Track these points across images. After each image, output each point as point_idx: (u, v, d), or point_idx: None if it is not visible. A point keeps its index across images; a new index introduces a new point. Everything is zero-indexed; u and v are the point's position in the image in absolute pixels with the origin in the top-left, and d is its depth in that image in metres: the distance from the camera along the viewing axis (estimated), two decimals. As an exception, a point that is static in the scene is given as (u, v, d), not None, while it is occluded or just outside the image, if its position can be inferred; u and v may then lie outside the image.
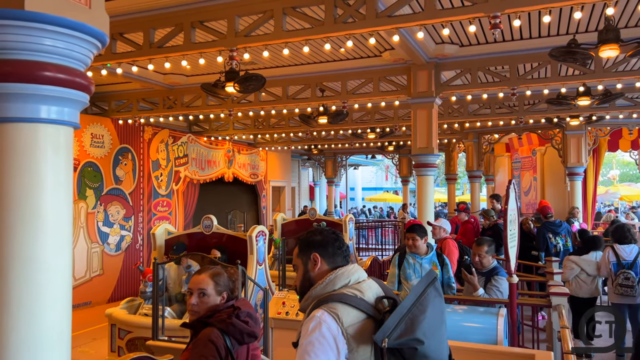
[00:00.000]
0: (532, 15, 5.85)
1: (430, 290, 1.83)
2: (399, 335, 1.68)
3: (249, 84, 6.00)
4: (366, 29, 4.84)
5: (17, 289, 1.75)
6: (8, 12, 1.65)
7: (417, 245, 4.71)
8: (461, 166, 22.34)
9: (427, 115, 7.31)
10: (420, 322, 1.71)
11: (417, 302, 1.77)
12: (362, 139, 13.20)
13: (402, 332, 1.69)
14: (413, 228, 4.81)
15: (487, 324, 4.10)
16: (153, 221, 10.86)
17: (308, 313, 1.86)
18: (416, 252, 4.75)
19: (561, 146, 11.62)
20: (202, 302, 2.52)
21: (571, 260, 6.03)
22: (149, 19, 5.66)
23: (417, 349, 1.67)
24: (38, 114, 1.78)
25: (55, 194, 1.82)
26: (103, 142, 9.57)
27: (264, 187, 15.95)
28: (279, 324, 4.71)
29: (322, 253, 1.98)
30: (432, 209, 7.34)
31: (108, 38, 1.95)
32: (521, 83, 7.13)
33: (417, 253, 4.75)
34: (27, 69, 1.74)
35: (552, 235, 7.66)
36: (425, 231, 4.86)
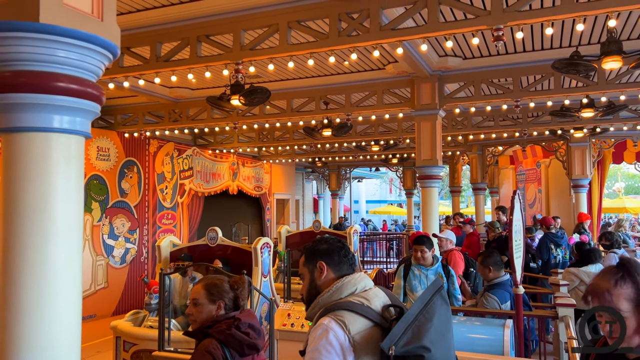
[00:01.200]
0: (535, 28, 5.91)
1: (437, 298, 1.84)
2: (405, 342, 1.68)
3: (254, 97, 6.06)
4: (370, 41, 4.89)
5: (29, 299, 1.77)
6: (24, 25, 1.70)
7: (425, 257, 4.72)
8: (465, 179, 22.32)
9: (431, 127, 7.35)
10: (427, 329, 1.71)
11: (423, 310, 1.77)
12: (366, 151, 13.24)
13: (409, 339, 1.69)
14: (422, 240, 4.80)
15: (493, 335, 4.09)
16: (158, 234, 10.88)
17: (315, 321, 1.87)
18: (423, 263, 4.74)
19: (565, 158, 11.62)
20: (197, 311, 2.53)
21: (571, 272, 6.01)
22: (155, 33, 5.75)
23: (424, 356, 1.66)
24: (51, 124, 1.81)
25: (66, 203, 1.85)
26: (109, 155, 9.64)
27: (268, 200, 15.98)
28: (284, 335, 4.70)
29: (328, 261, 1.99)
30: (437, 221, 7.33)
31: (119, 50, 2.00)
32: (525, 95, 7.16)
33: (423, 264, 4.75)
34: (41, 80, 1.78)
35: (554, 247, 7.65)
36: (432, 243, 4.87)
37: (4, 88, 1.76)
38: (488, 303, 4.51)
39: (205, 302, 2.53)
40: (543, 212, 13.43)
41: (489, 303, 4.51)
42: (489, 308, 4.49)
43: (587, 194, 11.68)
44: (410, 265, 4.84)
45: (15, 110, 1.78)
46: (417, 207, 25.47)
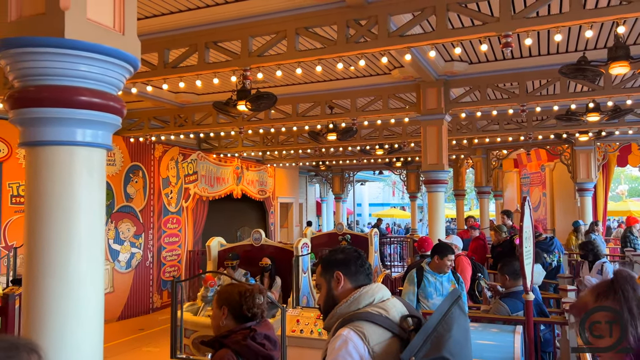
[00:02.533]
0: (542, 33, 5.92)
1: (455, 308, 1.84)
2: (425, 354, 1.68)
3: (260, 102, 6.07)
4: (378, 48, 4.91)
5: (53, 305, 1.79)
6: (48, 40, 1.72)
7: (450, 265, 4.69)
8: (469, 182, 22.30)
9: (437, 132, 7.36)
10: (446, 340, 1.71)
11: (442, 321, 1.77)
12: (370, 155, 13.25)
13: (429, 350, 1.69)
14: (452, 249, 4.77)
15: (503, 341, 4.08)
16: (163, 238, 10.90)
17: (333, 331, 1.87)
18: (445, 271, 4.70)
19: (570, 162, 11.61)
20: (212, 318, 2.55)
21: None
22: (164, 39, 5.77)
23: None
24: (74, 137, 1.83)
25: (89, 215, 1.87)
26: (114, 160, 9.66)
27: (272, 204, 15.99)
28: (293, 341, 4.70)
29: (345, 271, 2.00)
30: (443, 225, 7.34)
31: (140, 63, 2.02)
32: (531, 100, 7.17)
33: (437, 271, 4.72)
34: (64, 94, 1.80)
35: (547, 255, 7.66)
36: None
37: (28, 102, 1.78)
38: (498, 310, 4.51)
39: (215, 307, 2.54)
40: (547, 215, 13.43)
41: (498, 310, 4.51)
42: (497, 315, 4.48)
43: (592, 197, 11.66)
44: (423, 271, 4.79)
45: (39, 125, 1.80)
46: (421, 210, 25.46)
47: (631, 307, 1.22)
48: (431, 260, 4.78)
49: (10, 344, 0.81)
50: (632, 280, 1.35)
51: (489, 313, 4.63)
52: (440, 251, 4.72)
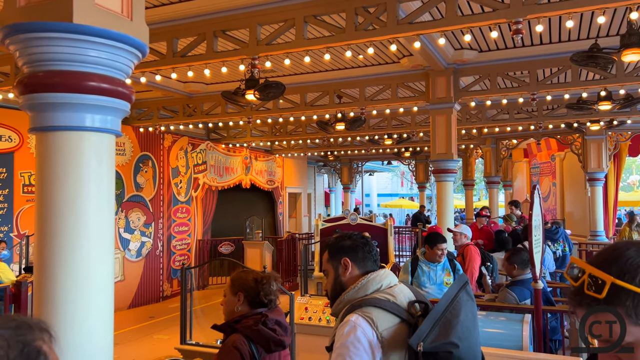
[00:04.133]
0: (553, 20, 5.84)
1: (462, 294, 1.83)
2: (434, 339, 1.68)
3: (269, 92, 6.07)
4: (387, 35, 4.87)
5: (64, 292, 1.81)
6: (57, 25, 1.72)
7: (444, 254, 4.69)
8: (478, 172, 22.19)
9: (446, 121, 7.31)
10: (454, 325, 1.71)
11: (450, 306, 1.77)
12: (378, 145, 13.21)
13: (437, 336, 1.69)
14: (443, 238, 4.77)
15: (511, 330, 4.08)
16: (173, 228, 10.98)
17: (341, 318, 1.87)
18: (439, 260, 4.72)
19: (581, 151, 11.50)
20: (224, 303, 2.56)
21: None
22: (172, 28, 5.77)
23: (453, 352, 1.66)
24: (83, 123, 1.84)
25: (98, 200, 1.88)
26: (124, 149, 9.72)
27: (280, 194, 16.02)
28: (302, 329, 4.74)
29: (353, 258, 1.99)
30: (452, 215, 7.31)
31: (148, 48, 2.02)
32: (541, 88, 7.09)
33: (437, 262, 4.73)
34: (73, 79, 1.80)
35: (551, 243, 7.63)
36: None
37: (38, 88, 1.79)
38: (505, 299, 4.50)
39: (229, 293, 2.55)
40: (557, 205, 13.34)
41: (506, 299, 4.50)
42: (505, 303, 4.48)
43: (603, 187, 11.56)
44: (418, 261, 4.81)
45: (49, 110, 1.81)
46: (429, 201, 25.38)
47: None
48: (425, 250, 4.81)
49: (21, 322, 0.81)
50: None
51: (496, 301, 4.62)
52: (431, 241, 4.75)
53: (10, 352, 0.77)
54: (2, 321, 0.80)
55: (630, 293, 0.92)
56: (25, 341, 0.80)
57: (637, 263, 0.93)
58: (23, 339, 0.80)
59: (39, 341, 0.82)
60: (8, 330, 0.79)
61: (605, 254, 1.00)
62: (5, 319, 0.81)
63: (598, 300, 0.94)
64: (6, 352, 0.76)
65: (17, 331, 0.80)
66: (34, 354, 0.80)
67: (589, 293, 0.95)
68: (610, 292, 0.93)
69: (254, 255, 11.08)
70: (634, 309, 0.91)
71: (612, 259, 0.96)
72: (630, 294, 0.92)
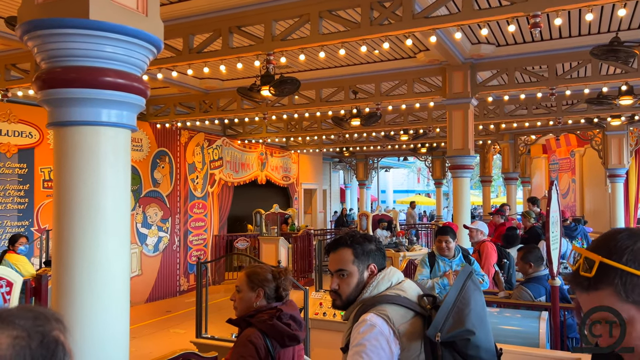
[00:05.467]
0: (573, 13, 5.73)
1: (469, 283, 1.85)
2: (449, 328, 1.71)
3: (284, 88, 6.08)
4: (402, 30, 4.83)
5: (82, 284, 1.84)
6: (74, 22, 1.75)
7: (450, 248, 4.69)
8: (496, 168, 21.96)
9: (463, 116, 7.24)
10: (467, 314, 1.73)
11: (459, 296, 1.79)
12: (394, 140, 13.14)
13: (452, 325, 1.71)
14: (446, 230, 4.80)
15: (528, 327, 4.04)
16: (189, 223, 11.09)
17: (354, 318, 1.86)
18: (447, 255, 4.72)
19: (601, 147, 11.30)
20: (238, 299, 2.55)
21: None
22: (188, 25, 5.81)
23: (470, 339, 1.69)
24: (99, 118, 1.87)
25: (115, 194, 1.91)
26: (142, 145, 9.84)
27: (295, 190, 16.06)
28: (316, 324, 4.75)
29: (378, 263, 1.98)
30: (468, 211, 7.25)
31: (163, 44, 2.03)
32: (560, 83, 6.97)
33: (446, 256, 4.73)
34: (90, 75, 1.83)
35: (569, 239, 7.51)
36: (455, 234, 4.84)
37: (56, 83, 1.82)
38: (520, 296, 4.46)
39: (246, 289, 2.54)
40: (577, 202, 13.14)
41: (521, 296, 4.46)
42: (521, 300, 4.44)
43: (624, 184, 11.35)
44: (435, 257, 4.81)
45: (66, 105, 1.84)
46: (446, 197, 25.21)
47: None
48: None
49: (38, 313, 0.83)
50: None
51: (511, 298, 4.59)
52: (438, 233, 4.83)
53: (31, 343, 0.78)
54: (19, 312, 0.81)
55: (618, 271, 0.97)
56: (44, 332, 0.81)
57: (625, 244, 0.99)
58: (42, 329, 0.81)
59: (56, 331, 0.83)
60: (27, 320, 0.80)
61: (600, 238, 1.06)
62: (22, 310, 0.83)
63: (589, 280, 1.00)
64: (28, 342, 0.77)
65: (35, 322, 0.81)
66: (53, 344, 0.81)
67: (582, 274, 1.01)
68: (599, 271, 0.99)
69: (269, 251, 11.14)
70: (622, 286, 0.96)
71: (604, 242, 1.03)
72: (618, 272, 0.97)
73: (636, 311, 0.97)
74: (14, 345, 0.76)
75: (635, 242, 0.99)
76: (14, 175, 7.94)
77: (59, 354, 0.81)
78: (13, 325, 0.78)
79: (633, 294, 0.97)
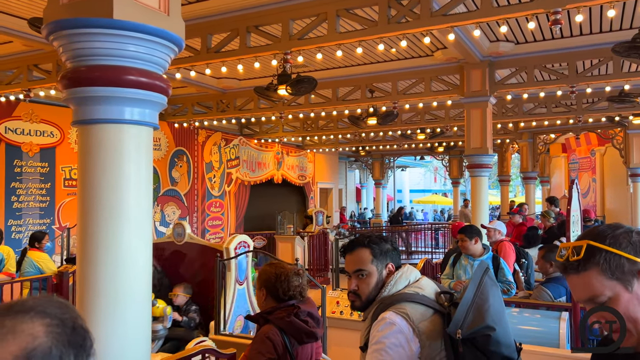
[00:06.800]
0: (594, 10, 5.64)
1: (486, 279, 1.84)
2: (469, 325, 1.70)
3: (301, 87, 6.09)
4: (420, 28, 4.81)
5: (105, 277, 1.87)
6: (99, 21, 1.78)
7: (464, 246, 4.70)
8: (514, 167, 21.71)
9: (481, 115, 7.17)
10: (487, 310, 1.72)
11: (478, 292, 1.78)
12: (411, 139, 13.07)
13: (472, 321, 1.70)
14: (462, 229, 4.82)
15: (548, 327, 4.00)
16: (206, 221, 11.18)
17: (372, 317, 1.86)
18: (469, 253, 4.70)
19: (623, 146, 11.10)
20: (256, 296, 2.61)
21: None
22: (206, 25, 5.85)
23: (491, 335, 1.68)
24: (122, 116, 1.90)
25: (137, 191, 1.94)
26: (160, 145, 9.95)
27: (311, 189, 16.09)
28: (333, 323, 4.75)
29: (395, 261, 1.99)
30: (486, 211, 7.18)
31: (184, 43, 2.06)
32: (581, 80, 6.87)
33: (470, 254, 4.71)
34: (114, 74, 1.86)
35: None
36: (475, 232, 4.79)
37: (81, 82, 1.85)
38: (540, 296, 4.41)
39: (257, 287, 2.61)
40: (597, 202, 12.92)
41: (541, 296, 4.41)
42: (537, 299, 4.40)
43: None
44: (460, 255, 4.83)
45: (90, 103, 1.87)
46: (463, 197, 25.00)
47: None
48: None
49: (61, 302, 0.85)
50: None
51: (531, 299, 4.54)
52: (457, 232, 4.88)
53: (66, 330, 0.80)
54: (45, 301, 0.83)
55: (602, 252, 1.14)
56: (72, 319, 0.83)
57: (606, 232, 1.18)
58: (69, 316, 0.83)
59: (79, 319, 0.85)
60: (55, 309, 0.82)
61: (584, 232, 1.25)
62: (48, 300, 0.84)
63: (579, 261, 1.16)
64: (63, 330, 0.79)
65: (62, 310, 0.83)
66: (82, 331, 0.83)
67: (572, 259, 1.17)
68: (587, 254, 1.15)
69: (285, 249, 11.18)
70: (607, 264, 1.13)
71: (588, 232, 1.21)
72: (602, 252, 1.14)
73: (621, 287, 1.13)
74: (51, 332, 0.78)
75: (614, 230, 1.17)
76: (36, 174, 8.09)
77: (88, 341, 0.83)
78: (44, 313, 0.80)
79: (617, 272, 1.13)
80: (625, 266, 1.13)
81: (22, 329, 0.76)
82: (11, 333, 0.75)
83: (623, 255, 1.13)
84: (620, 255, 1.13)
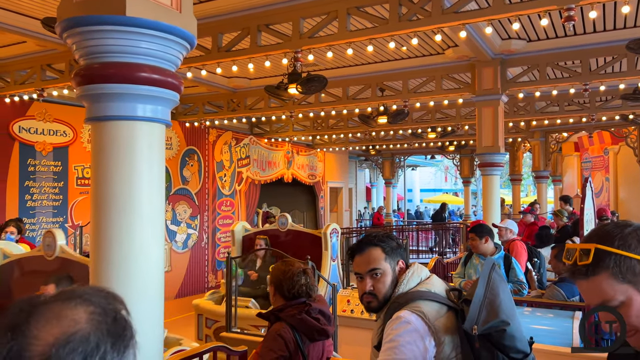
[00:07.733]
0: (608, 6, 5.57)
1: (494, 275, 1.85)
2: (484, 320, 1.71)
3: (311, 85, 6.09)
4: (432, 25, 4.78)
5: (118, 274, 1.89)
6: (112, 19, 1.79)
7: (475, 245, 4.70)
8: (526, 167, 21.53)
9: (493, 113, 7.12)
10: (498, 305, 1.73)
11: (488, 288, 1.78)
12: (421, 138, 13.02)
13: (486, 317, 1.71)
14: (473, 228, 4.83)
15: (561, 327, 3.96)
16: (217, 220, 11.23)
17: (385, 316, 1.85)
18: (480, 252, 4.69)
19: (637, 144, 10.97)
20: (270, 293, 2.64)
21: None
22: (217, 24, 5.87)
23: (505, 330, 1.69)
24: (135, 113, 1.91)
25: (149, 188, 1.95)
26: (171, 144, 10.01)
27: (321, 188, 16.08)
28: (344, 321, 4.75)
29: (404, 259, 2.00)
30: (498, 210, 7.13)
31: (196, 40, 2.07)
32: (594, 78, 6.79)
33: (481, 253, 4.69)
34: (127, 71, 1.88)
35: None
36: (486, 231, 4.77)
37: (94, 79, 1.87)
38: (553, 295, 4.38)
39: (268, 284, 2.63)
40: (611, 201, 12.78)
41: (554, 295, 4.37)
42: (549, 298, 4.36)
43: (661, 182, 10.99)
44: (472, 254, 4.82)
45: (104, 100, 1.89)
46: (474, 197, 24.86)
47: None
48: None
49: (108, 292, 0.89)
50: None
51: (543, 298, 4.51)
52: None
53: (107, 319, 0.83)
54: (92, 291, 0.87)
55: (612, 255, 1.09)
56: (115, 309, 0.86)
57: (614, 232, 1.12)
58: (113, 307, 0.86)
59: (123, 311, 0.88)
60: (101, 298, 0.85)
61: (590, 232, 1.19)
62: (95, 289, 0.88)
63: (588, 266, 1.10)
64: (104, 318, 0.82)
65: (107, 300, 0.86)
66: (123, 321, 0.86)
67: (581, 263, 1.11)
68: (595, 257, 1.10)
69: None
70: (617, 268, 1.08)
71: (594, 234, 1.16)
72: (612, 255, 1.08)
73: (633, 291, 1.08)
74: (92, 319, 0.81)
75: (622, 230, 1.11)
76: (49, 172, 8.17)
77: (128, 332, 0.86)
78: (89, 301, 0.83)
79: (628, 275, 1.08)
80: (637, 268, 1.08)
81: (65, 315, 0.81)
82: (56, 318, 0.80)
83: (634, 257, 1.08)
84: (630, 257, 1.08)
